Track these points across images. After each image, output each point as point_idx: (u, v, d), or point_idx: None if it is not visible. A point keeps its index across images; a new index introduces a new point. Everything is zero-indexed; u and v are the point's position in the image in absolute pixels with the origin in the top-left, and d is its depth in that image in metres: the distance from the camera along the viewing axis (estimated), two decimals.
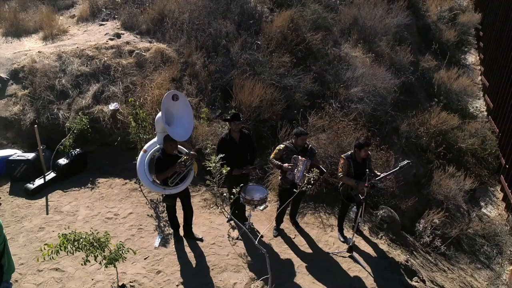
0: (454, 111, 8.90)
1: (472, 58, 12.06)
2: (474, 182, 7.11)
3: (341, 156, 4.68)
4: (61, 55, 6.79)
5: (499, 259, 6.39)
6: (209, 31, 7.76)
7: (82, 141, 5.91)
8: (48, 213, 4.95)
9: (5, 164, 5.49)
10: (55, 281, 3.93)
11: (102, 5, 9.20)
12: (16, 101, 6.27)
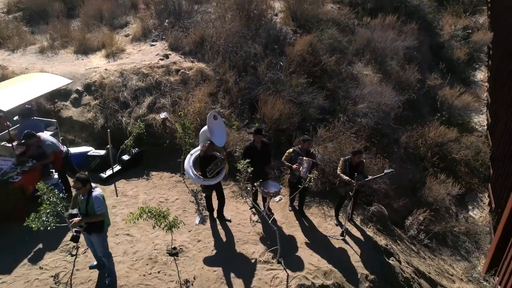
0: (454, 125, 10.05)
1: (481, 75, 13.00)
2: (461, 188, 8.27)
3: (340, 158, 6.11)
4: (122, 72, 8.53)
5: (477, 253, 7.56)
6: (240, 53, 9.31)
7: (139, 142, 7.57)
8: (117, 195, 6.63)
9: (84, 158, 7.25)
10: (128, 242, 5.57)
11: (151, 26, 10.98)
12: (89, 109, 8.05)
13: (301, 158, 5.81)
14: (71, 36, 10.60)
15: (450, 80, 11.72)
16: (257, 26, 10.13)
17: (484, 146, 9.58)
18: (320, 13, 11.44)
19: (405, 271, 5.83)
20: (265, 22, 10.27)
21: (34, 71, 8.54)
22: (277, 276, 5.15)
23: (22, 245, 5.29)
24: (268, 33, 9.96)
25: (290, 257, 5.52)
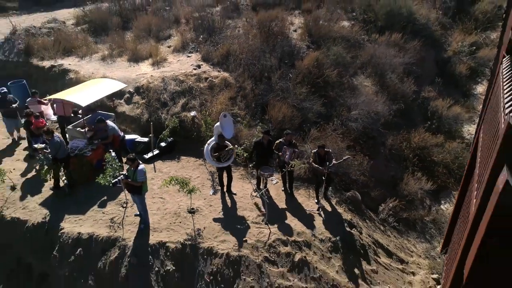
0: (442, 133, 11.56)
1: (481, 89, 14.20)
2: (433, 185, 9.85)
3: (312, 152, 8.03)
4: (164, 78, 10.90)
5: (439, 238, 9.15)
6: (258, 65, 11.39)
7: (173, 133, 9.85)
8: (155, 171, 8.95)
9: (132, 143, 9.65)
10: (160, 202, 7.84)
11: (189, 40, 13.35)
12: (138, 107, 10.48)
13: (284, 148, 7.80)
14: (125, 47, 13.19)
15: (450, 93, 13.14)
16: (275, 42, 12.17)
17: (465, 152, 11.01)
18: (333, 30, 13.31)
19: (363, 240, 7.67)
20: (282, 39, 12.27)
21: (98, 75, 11.13)
22: (263, 232, 7.19)
23: (92, 198, 7.72)
24: (283, 48, 11.98)
25: (275, 221, 7.54)
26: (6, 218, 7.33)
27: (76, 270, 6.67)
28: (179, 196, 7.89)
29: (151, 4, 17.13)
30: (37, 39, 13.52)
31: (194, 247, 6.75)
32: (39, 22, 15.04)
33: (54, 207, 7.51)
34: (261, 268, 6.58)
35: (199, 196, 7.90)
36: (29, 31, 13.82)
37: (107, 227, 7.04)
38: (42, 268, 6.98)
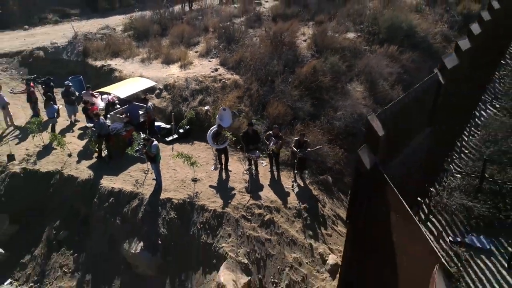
0: None
1: None
2: None
3: (294, 139, 10.21)
4: (187, 79, 13.51)
5: None
6: (264, 70, 13.66)
7: (190, 123, 12.37)
8: (173, 151, 11.55)
9: (158, 128, 12.32)
10: (172, 172, 10.38)
11: (212, 46, 15.91)
12: (165, 100, 13.18)
13: (271, 138, 10.05)
14: (160, 51, 16.00)
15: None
16: (281, 51, 14.38)
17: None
18: (337, 41, 15.29)
19: (325, 211, 9.76)
20: (287, 48, 14.46)
21: (136, 75, 13.98)
22: (244, 198, 9.51)
23: (123, 165, 10.45)
24: (288, 56, 14.17)
25: (256, 192, 9.82)
26: (64, 175, 10.24)
27: (109, 213, 9.39)
28: (187, 169, 10.39)
29: (187, 14, 19.95)
30: (93, 42, 16.71)
31: (191, 204, 9.23)
32: (95, 28, 18.31)
33: (97, 169, 10.33)
34: (238, 222, 8.92)
35: (202, 170, 10.37)
36: (86, 36, 17.07)
37: (132, 185, 9.72)
38: (85, 211, 9.80)
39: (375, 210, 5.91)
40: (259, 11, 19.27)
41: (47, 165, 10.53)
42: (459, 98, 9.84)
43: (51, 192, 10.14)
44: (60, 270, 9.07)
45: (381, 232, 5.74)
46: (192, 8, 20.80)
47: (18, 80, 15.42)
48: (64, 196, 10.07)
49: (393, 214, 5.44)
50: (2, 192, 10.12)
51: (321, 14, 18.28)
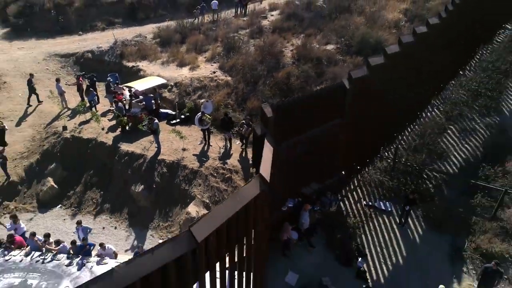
0: None
1: None
2: None
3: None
4: (191, 78, 17.94)
5: None
6: (251, 73, 17.74)
7: (189, 111, 16.72)
8: (174, 131, 15.97)
9: (165, 114, 16.81)
10: (170, 144, 14.79)
11: (217, 54, 20.23)
12: (173, 94, 17.68)
13: (244, 126, 14.13)
14: (177, 56, 20.55)
15: None
16: (266, 59, 18.39)
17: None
18: (314, 52, 19.04)
19: None
20: (271, 57, 18.43)
21: (155, 74, 18.61)
22: (214, 163, 13.70)
23: (137, 137, 15.01)
24: (270, 64, 18.16)
25: (224, 159, 13.98)
26: (98, 141, 14.99)
27: (124, 166, 13.98)
28: (180, 142, 14.74)
29: (204, 24, 24.43)
30: (128, 47, 21.62)
31: (178, 164, 13.60)
32: (131, 36, 23.26)
33: (119, 138, 14.97)
34: (207, 177, 13.16)
35: (192, 143, 14.70)
36: (123, 42, 22.02)
37: (140, 150, 14.27)
38: (110, 165, 14.47)
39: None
40: (261, 24, 23.31)
41: (87, 134, 15.36)
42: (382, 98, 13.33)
43: (88, 152, 14.94)
44: (91, 201, 13.80)
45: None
46: (215, 19, 25.28)
47: (71, 75, 20.61)
48: (97, 154, 14.80)
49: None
50: (58, 150, 15.06)
51: (312, 28, 22.02)
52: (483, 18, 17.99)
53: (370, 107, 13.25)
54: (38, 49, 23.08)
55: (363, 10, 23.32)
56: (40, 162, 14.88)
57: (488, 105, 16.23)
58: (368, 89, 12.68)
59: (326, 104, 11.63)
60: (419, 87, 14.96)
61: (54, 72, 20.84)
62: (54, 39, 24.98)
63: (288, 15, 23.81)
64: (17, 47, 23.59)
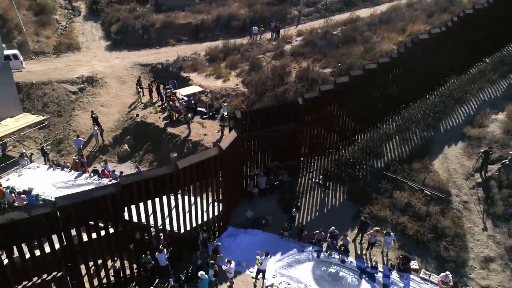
0: None
1: None
2: None
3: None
4: (221, 88, 26.13)
5: None
6: (262, 87, 25.28)
7: (216, 111, 24.82)
8: (200, 123, 24.22)
9: (200, 111, 25.15)
10: (197, 130, 23.06)
11: (243, 71, 28.11)
12: (207, 98, 25.99)
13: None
14: (217, 70, 28.86)
15: None
16: (275, 77, 25.80)
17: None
18: (311, 73, 25.93)
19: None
20: (277, 76, 25.78)
21: (198, 84, 27.12)
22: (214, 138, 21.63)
23: (179, 124, 23.53)
24: (277, 80, 25.52)
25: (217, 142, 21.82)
26: (155, 124, 23.84)
27: (168, 142, 22.55)
28: (203, 130, 22.81)
29: (243, 46, 32.45)
30: (185, 62, 30.51)
31: (199, 143, 21.77)
32: (189, 52, 32.18)
33: (168, 124, 23.66)
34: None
35: (211, 132, 22.74)
36: (183, 58, 30.99)
37: (179, 132, 22.76)
38: (160, 140, 23.17)
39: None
40: (284, 48, 30.57)
41: (150, 119, 24.35)
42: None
43: (149, 131, 23.87)
44: (147, 160, 22.62)
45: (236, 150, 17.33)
46: (274, 38, 32.98)
47: (146, 80, 30.09)
48: (153, 133, 23.66)
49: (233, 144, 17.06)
50: (132, 128, 24.26)
51: (320, 54, 28.76)
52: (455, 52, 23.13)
53: (319, 118, 20.00)
54: (128, 59, 33.16)
55: (367, 40, 29.38)
56: (121, 134, 24.22)
57: (430, 123, 21.77)
58: (317, 106, 19.45)
59: (287, 112, 18.77)
60: (369, 108, 21.14)
61: (136, 76, 30.50)
62: (139, 51, 35.06)
63: (306, 42, 30.80)
64: (114, 56, 33.99)
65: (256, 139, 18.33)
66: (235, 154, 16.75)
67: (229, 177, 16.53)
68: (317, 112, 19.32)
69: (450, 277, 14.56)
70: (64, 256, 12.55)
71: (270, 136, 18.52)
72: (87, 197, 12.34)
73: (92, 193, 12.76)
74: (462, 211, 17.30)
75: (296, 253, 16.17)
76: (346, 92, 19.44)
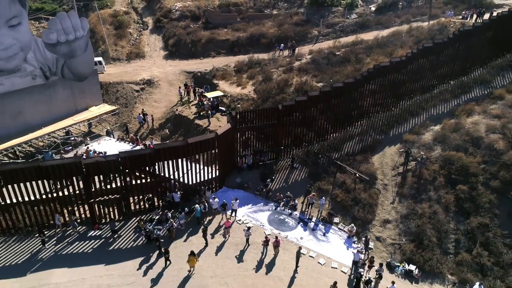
0: None
1: None
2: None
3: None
4: (237, 93, 35.48)
5: None
6: (266, 94, 34.16)
7: (233, 109, 34.24)
8: (217, 118, 33.76)
9: (221, 110, 34.75)
10: (216, 122, 32.65)
11: (258, 81, 37.17)
12: (227, 100, 35.52)
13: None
14: (239, 80, 38.18)
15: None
16: (276, 87, 34.54)
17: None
18: (308, 86, 34.27)
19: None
20: (277, 87, 34.48)
21: (222, 89, 36.71)
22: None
23: (203, 118, 33.33)
24: (278, 90, 34.24)
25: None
26: (188, 117, 33.83)
27: (194, 129, 32.40)
28: (219, 122, 32.32)
29: (263, 61, 41.40)
30: (218, 72, 40.28)
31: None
32: (222, 64, 41.92)
33: (196, 117, 33.52)
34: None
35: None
36: (217, 68, 40.78)
37: (202, 123, 32.50)
38: (189, 129, 33.10)
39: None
40: (294, 65, 38.97)
41: (185, 113, 34.40)
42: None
43: (183, 122, 33.91)
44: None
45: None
46: (290, 54, 41.89)
47: (189, 84, 40.31)
48: (186, 123, 33.64)
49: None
50: (172, 118, 34.49)
51: (319, 71, 36.82)
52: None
53: (295, 119, 28.41)
54: (178, 67, 43.77)
55: (359, 61, 36.90)
56: (164, 122, 34.62)
57: (383, 130, 29.21)
58: (292, 110, 27.90)
59: (271, 114, 27.59)
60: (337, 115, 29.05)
61: (182, 81, 40.86)
62: (187, 61, 45.58)
63: (312, 60, 38.99)
64: (168, 64, 44.86)
65: (245, 130, 27.36)
66: (228, 139, 25.95)
67: (223, 154, 25.78)
68: (292, 115, 27.84)
69: (354, 228, 22.57)
70: (121, 187, 22.74)
71: (255, 129, 27.50)
72: (136, 153, 22.43)
73: (139, 152, 22.86)
74: (381, 190, 24.91)
75: (261, 206, 25.00)
76: (315, 103, 27.72)
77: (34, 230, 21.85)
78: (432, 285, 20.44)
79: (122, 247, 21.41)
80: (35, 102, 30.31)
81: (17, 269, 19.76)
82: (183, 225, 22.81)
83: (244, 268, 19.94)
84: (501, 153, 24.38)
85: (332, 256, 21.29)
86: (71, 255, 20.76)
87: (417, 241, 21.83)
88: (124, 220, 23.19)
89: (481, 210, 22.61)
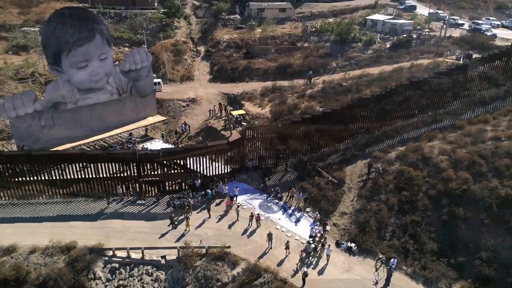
0: None
1: None
2: None
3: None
4: (257, 112, 45.51)
5: None
6: (277, 114, 43.74)
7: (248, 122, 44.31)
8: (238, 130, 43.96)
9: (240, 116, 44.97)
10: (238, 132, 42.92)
11: (275, 103, 46.95)
12: (248, 117, 45.71)
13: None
14: (261, 102, 48.21)
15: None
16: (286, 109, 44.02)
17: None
18: (311, 109, 43.33)
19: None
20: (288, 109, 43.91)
21: (246, 108, 46.97)
22: None
23: (227, 130, 43.69)
24: (286, 112, 43.69)
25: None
26: (217, 128, 44.42)
27: (219, 136, 42.91)
28: None
29: (284, 87, 51.05)
30: (246, 94, 50.72)
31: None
32: (251, 88, 52.31)
33: (223, 129, 43.98)
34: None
35: None
36: (246, 92, 51.30)
37: (226, 133, 42.89)
38: (217, 136, 43.67)
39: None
40: (306, 92, 48.02)
41: (215, 125, 45.05)
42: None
43: (212, 132, 44.60)
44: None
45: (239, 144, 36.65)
46: (308, 83, 51.46)
47: (223, 103, 51.01)
48: (214, 133, 44.18)
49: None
50: (204, 130, 45.30)
51: (323, 98, 45.59)
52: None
53: (289, 134, 37.60)
54: (217, 89, 55.06)
55: (359, 92, 45.16)
56: (199, 132, 45.63)
57: (361, 148, 37.32)
58: (288, 128, 37.14)
59: (270, 130, 37.28)
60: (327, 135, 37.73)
61: (219, 100, 51.75)
62: (226, 84, 56.79)
63: (322, 89, 47.93)
64: (210, 86, 56.38)
65: (252, 140, 37.17)
66: (237, 146, 35.94)
67: (233, 156, 35.75)
68: (288, 131, 37.18)
69: (318, 215, 31.25)
70: (161, 173, 33.72)
71: (259, 139, 37.26)
72: (172, 150, 33.43)
73: (174, 149, 33.85)
74: (346, 191, 33.17)
75: (257, 195, 34.52)
76: (308, 124, 36.81)
77: (103, 196, 33.39)
78: (365, 259, 28.27)
79: (158, 212, 32.10)
80: (111, 111, 42.87)
81: (91, 217, 31.21)
82: (199, 202, 33.01)
83: (233, 231, 29.51)
84: (443, 170, 31.43)
85: (297, 232, 30.05)
86: (124, 213, 31.85)
87: (361, 228, 29.78)
88: (161, 195, 34.03)
89: (417, 211, 29.93)
